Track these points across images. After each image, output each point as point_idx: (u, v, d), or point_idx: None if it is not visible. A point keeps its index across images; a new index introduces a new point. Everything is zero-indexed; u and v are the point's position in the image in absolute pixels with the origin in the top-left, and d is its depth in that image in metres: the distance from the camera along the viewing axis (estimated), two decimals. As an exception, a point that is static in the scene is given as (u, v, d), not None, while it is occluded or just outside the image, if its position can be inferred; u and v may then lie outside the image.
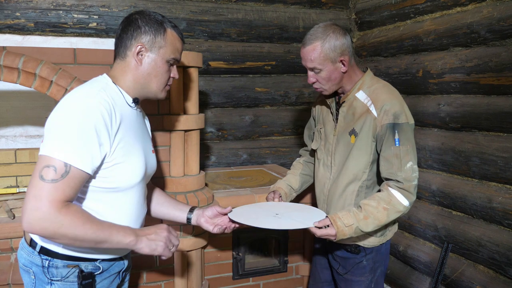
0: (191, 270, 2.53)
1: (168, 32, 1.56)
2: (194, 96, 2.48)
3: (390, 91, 1.96)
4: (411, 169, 1.84)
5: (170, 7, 3.13)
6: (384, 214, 1.83)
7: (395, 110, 1.86)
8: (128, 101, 1.55)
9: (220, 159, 3.45)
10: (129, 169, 1.49)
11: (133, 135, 1.53)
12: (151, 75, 1.56)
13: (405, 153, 1.84)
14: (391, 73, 3.23)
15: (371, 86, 1.98)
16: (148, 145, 1.70)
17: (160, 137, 2.42)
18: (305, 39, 1.94)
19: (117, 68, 1.57)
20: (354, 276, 2.10)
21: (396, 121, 1.85)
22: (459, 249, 2.71)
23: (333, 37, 1.88)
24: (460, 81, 2.66)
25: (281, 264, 2.87)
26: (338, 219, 1.83)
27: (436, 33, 2.81)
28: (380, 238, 2.05)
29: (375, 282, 2.12)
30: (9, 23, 2.81)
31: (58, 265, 1.46)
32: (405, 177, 1.83)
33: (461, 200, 2.68)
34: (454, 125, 2.72)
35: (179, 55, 1.63)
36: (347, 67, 1.94)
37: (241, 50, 3.36)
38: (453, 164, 2.75)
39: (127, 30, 1.54)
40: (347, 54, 1.92)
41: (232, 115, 3.44)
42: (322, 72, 1.93)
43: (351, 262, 2.09)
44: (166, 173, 2.47)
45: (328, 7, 3.59)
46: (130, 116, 1.55)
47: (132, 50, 1.53)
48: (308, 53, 1.91)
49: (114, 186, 1.47)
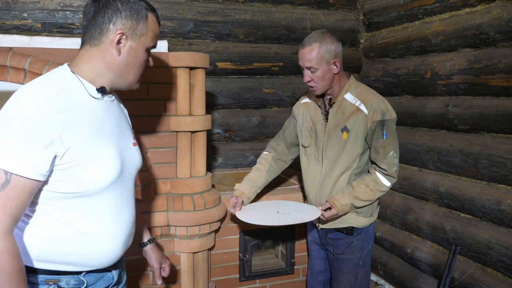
0: (198, 272, 2.53)
1: (149, 17, 1.41)
2: (201, 97, 2.47)
3: (373, 92, 2.33)
4: (392, 157, 2.24)
5: (177, 7, 3.14)
6: (371, 194, 2.25)
7: (382, 108, 2.22)
8: (91, 93, 1.36)
9: (227, 160, 3.45)
10: (95, 169, 1.31)
11: (99, 130, 1.35)
12: (129, 66, 1.40)
13: (388, 144, 2.23)
14: (399, 74, 3.22)
15: (356, 88, 2.30)
16: (126, 139, 1.52)
17: (166, 138, 2.42)
18: (304, 41, 2.22)
19: (85, 56, 1.38)
20: (346, 254, 2.39)
21: (384, 118, 2.21)
22: (467, 252, 2.68)
23: (329, 41, 2.18)
24: (469, 83, 2.64)
25: (288, 266, 2.86)
26: (336, 201, 2.25)
27: (444, 34, 2.79)
28: (370, 218, 2.39)
29: (363, 260, 2.41)
30: (17, 24, 2.82)
31: (35, 281, 1.31)
32: (388, 163, 2.23)
33: (470, 202, 2.66)
34: (463, 127, 2.70)
35: (157, 41, 1.49)
36: (339, 69, 2.22)
37: (249, 51, 3.35)
38: (461, 166, 2.73)
39: (104, 13, 1.34)
40: (339, 57, 2.22)
41: (239, 116, 3.44)
42: (318, 72, 2.19)
43: (344, 242, 2.38)
44: (172, 174, 2.47)
45: (336, 8, 3.58)
46: (95, 108, 1.36)
47: (110, 38, 1.34)
48: (307, 53, 2.18)
49: (80, 190, 1.29)
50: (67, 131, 1.23)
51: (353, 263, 2.39)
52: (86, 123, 1.30)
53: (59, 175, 1.25)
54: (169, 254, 2.49)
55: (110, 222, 1.40)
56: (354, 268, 2.40)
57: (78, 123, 1.27)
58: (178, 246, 2.49)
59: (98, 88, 1.37)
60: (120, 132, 1.47)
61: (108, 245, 1.41)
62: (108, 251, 1.41)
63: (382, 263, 3.41)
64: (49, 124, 1.20)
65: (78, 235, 1.34)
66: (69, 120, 1.24)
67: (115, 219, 1.42)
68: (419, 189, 3.06)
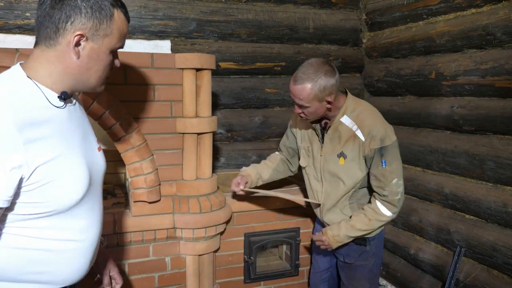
0: (203, 274, 2.51)
1: (115, 15, 1.22)
2: (207, 98, 2.45)
3: (372, 114, 2.16)
4: (396, 185, 2.11)
5: (180, 7, 3.10)
6: (369, 224, 2.15)
7: (381, 135, 2.07)
8: (52, 101, 1.20)
9: (229, 161, 3.42)
10: (64, 186, 1.19)
11: (64, 143, 1.21)
12: (90, 70, 1.23)
13: (390, 172, 2.10)
14: (402, 74, 3.20)
15: (354, 110, 2.15)
16: (91, 145, 1.38)
17: (172, 140, 2.40)
18: (296, 76, 2.06)
19: (40, 58, 1.20)
20: (358, 261, 2.31)
21: (383, 145, 2.08)
22: (472, 254, 2.68)
23: (323, 79, 2.01)
24: (475, 84, 2.63)
25: (293, 267, 2.84)
26: (328, 230, 2.20)
27: (450, 35, 2.78)
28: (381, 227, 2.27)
29: (376, 265, 2.36)
30: (19, 24, 2.77)
31: None
32: (390, 191, 2.10)
33: (475, 204, 2.65)
34: (468, 128, 2.69)
35: (124, 41, 1.31)
36: (332, 105, 2.10)
37: (251, 51, 3.33)
38: (466, 168, 2.72)
39: (60, 9, 1.14)
40: (334, 93, 2.06)
41: (241, 116, 3.41)
42: (309, 108, 2.08)
43: (355, 249, 2.30)
44: (178, 176, 2.45)
45: (338, 8, 3.56)
46: (57, 118, 1.21)
47: (67, 38, 1.16)
48: (298, 91, 2.05)
49: (49, 209, 1.18)
50: (32, 150, 1.09)
51: (367, 269, 2.33)
52: (51, 137, 1.16)
53: (25, 196, 1.13)
54: (175, 257, 2.47)
55: (78, 238, 1.30)
56: (369, 274, 2.35)
57: (42, 139, 1.13)
58: (184, 249, 2.47)
59: (59, 95, 1.21)
60: (85, 139, 1.33)
61: (77, 261, 1.32)
62: (76, 267, 1.33)
63: (384, 264, 3.41)
64: (10, 145, 1.05)
65: (45, 253, 1.24)
66: (32, 137, 1.10)
67: (83, 235, 1.31)
68: (422, 190, 3.06)
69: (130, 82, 2.27)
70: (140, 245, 2.40)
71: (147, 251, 2.42)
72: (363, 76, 3.73)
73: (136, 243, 2.38)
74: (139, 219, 2.36)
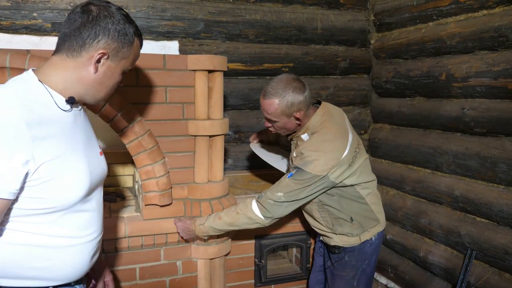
0: (214, 278, 2.49)
1: (135, 42, 1.38)
2: (219, 100, 2.42)
3: (321, 142, 2.10)
4: (277, 196, 2.08)
5: (188, 7, 3.07)
6: (235, 216, 2.15)
7: (308, 159, 2.05)
8: (60, 104, 1.29)
9: (237, 162, 3.40)
10: (66, 184, 1.27)
11: (69, 144, 1.30)
12: (103, 85, 1.35)
13: (285, 185, 2.08)
14: (412, 76, 3.18)
15: (314, 132, 2.15)
16: (94, 148, 1.47)
17: (184, 142, 2.37)
18: (266, 90, 2.13)
19: (57, 65, 1.30)
20: (337, 270, 2.34)
21: (302, 167, 2.05)
22: (483, 256, 2.67)
23: (291, 95, 2.06)
24: (487, 85, 2.61)
25: (303, 270, 2.82)
26: (198, 219, 2.24)
27: (461, 36, 2.76)
28: (357, 238, 2.26)
29: (357, 280, 2.32)
30: (26, 24, 2.73)
31: None
32: (267, 195, 2.11)
33: (486, 206, 2.64)
34: (479, 130, 2.68)
35: (134, 65, 1.47)
36: (301, 121, 2.13)
37: (259, 52, 3.30)
38: (477, 170, 2.70)
39: (91, 27, 1.27)
40: (302, 109, 2.10)
41: (249, 118, 3.39)
42: (277, 123, 2.15)
43: (335, 257, 2.34)
44: (190, 179, 2.42)
45: (346, 8, 3.54)
46: (64, 121, 1.30)
47: (90, 53, 1.28)
48: (266, 106, 2.12)
49: (50, 206, 1.26)
50: (39, 147, 1.18)
51: (345, 281, 2.33)
52: (56, 137, 1.25)
53: (29, 191, 1.21)
54: (186, 261, 2.45)
55: (79, 235, 1.37)
56: (347, 286, 2.34)
57: (49, 138, 1.22)
58: (195, 253, 2.44)
59: (67, 99, 1.31)
60: (88, 142, 1.42)
61: (77, 258, 1.38)
62: (77, 263, 1.39)
63: (392, 266, 3.39)
64: (19, 140, 1.13)
65: (45, 249, 1.30)
66: (39, 134, 1.18)
67: (84, 232, 1.39)
68: (432, 192, 3.04)
69: (142, 84, 2.24)
70: (151, 249, 2.37)
71: (158, 255, 2.40)
72: (371, 77, 3.71)
73: (147, 247, 2.36)
74: (151, 223, 2.33)
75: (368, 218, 2.29)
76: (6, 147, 1.12)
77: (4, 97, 1.17)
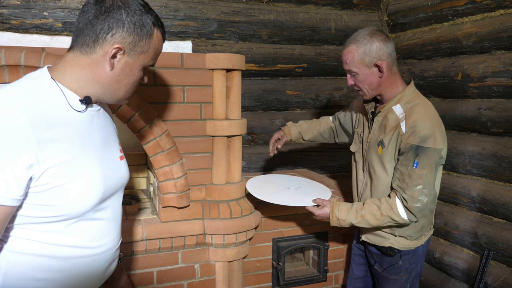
0: (233, 281, 2.46)
1: (154, 34, 1.23)
2: (237, 100, 2.40)
3: (426, 111, 1.95)
4: (420, 192, 1.89)
5: (201, 7, 3.04)
6: (380, 218, 1.97)
7: (424, 133, 1.86)
8: (73, 104, 1.19)
9: (250, 164, 3.37)
10: (75, 191, 1.15)
11: (80, 148, 1.18)
12: (120, 83, 1.23)
13: (419, 176, 1.88)
14: (426, 76, 3.16)
15: (409, 102, 1.98)
16: (112, 153, 1.36)
17: (202, 143, 2.34)
18: (345, 42, 2.00)
19: (72, 62, 1.20)
20: (390, 274, 2.17)
21: (422, 144, 1.86)
22: (501, 257, 2.64)
23: (370, 41, 1.91)
24: (504, 85, 2.59)
25: (321, 273, 2.79)
26: (336, 210, 2.05)
27: (477, 36, 2.74)
28: (416, 241, 2.11)
29: (411, 283, 2.18)
30: (37, 23, 2.70)
31: None
32: (411, 196, 1.89)
33: (504, 206, 2.62)
34: (496, 130, 2.66)
35: (156, 60, 1.33)
36: (385, 73, 1.95)
37: (272, 52, 3.28)
38: (494, 170, 2.68)
39: (104, 20, 1.15)
40: (384, 59, 1.93)
41: (262, 119, 3.36)
42: (358, 76, 1.98)
43: (387, 261, 2.16)
44: (207, 181, 2.39)
45: (360, 9, 3.52)
46: (76, 122, 1.20)
47: (105, 49, 1.17)
48: (344, 55, 1.99)
49: (58, 214, 1.14)
50: (45, 150, 1.07)
51: (398, 285, 2.17)
52: (67, 140, 1.14)
53: (34, 198, 1.10)
54: (204, 263, 2.41)
55: (90, 245, 1.26)
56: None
57: (57, 140, 1.11)
58: (213, 255, 2.41)
59: (82, 99, 1.20)
60: (105, 146, 1.31)
61: (88, 270, 1.27)
62: (88, 276, 1.28)
63: (406, 268, 3.36)
64: (23, 142, 1.03)
65: (52, 259, 1.19)
66: (47, 136, 1.08)
67: (96, 243, 1.27)
68: (448, 193, 3.02)
69: (160, 83, 2.21)
70: (169, 252, 2.34)
71: (176, 258, 2.36)
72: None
73: (165, 250, 2.32)
74: (169, 225, 2.30)
75: (428, 220, 2.13)
76: (8, 149, 1.02)
77: (11, 95, 1.08)
